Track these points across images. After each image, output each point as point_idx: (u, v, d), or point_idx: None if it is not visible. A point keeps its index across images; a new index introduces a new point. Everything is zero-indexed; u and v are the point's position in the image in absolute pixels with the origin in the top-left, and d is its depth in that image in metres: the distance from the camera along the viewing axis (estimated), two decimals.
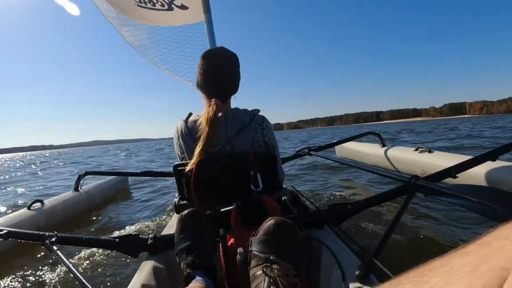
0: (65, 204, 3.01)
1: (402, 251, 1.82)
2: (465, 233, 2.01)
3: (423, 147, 3.09)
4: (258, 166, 1.22)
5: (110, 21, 3.22)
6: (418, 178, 1.39)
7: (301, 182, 4.20)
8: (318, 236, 1.19)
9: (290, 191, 1.59)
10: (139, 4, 3.24)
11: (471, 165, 1.67)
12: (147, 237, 1.29)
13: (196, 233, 1.04)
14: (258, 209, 1.13)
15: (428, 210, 2.50)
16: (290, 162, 3.69)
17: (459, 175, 1.56)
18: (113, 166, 11.32)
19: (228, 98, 1.40)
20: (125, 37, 3.30)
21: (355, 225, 2.18)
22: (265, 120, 1.36)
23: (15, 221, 2.31)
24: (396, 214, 1.22)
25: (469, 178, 2.15)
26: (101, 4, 3.16)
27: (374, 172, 2.02)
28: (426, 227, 2.15)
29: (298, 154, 3.31)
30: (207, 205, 1.23)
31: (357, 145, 4.28)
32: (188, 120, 1.36)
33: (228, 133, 1.28)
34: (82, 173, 3.42)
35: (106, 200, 3.84)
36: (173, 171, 1.31)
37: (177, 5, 3.24)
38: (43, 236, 1.35)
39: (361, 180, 4.09)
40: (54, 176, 9.08)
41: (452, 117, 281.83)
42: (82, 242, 1.43)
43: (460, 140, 9.62)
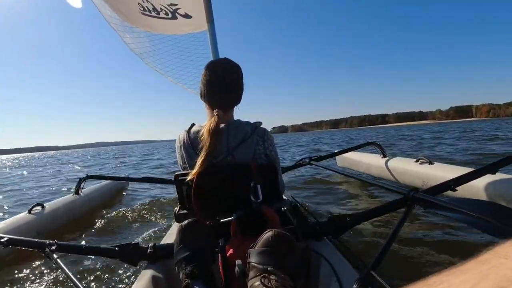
0: (66, 207, 3.01)
1: (401, 265, 1.81)
2: (465, 248, 2.00)
3: (424, 158, 3.10)
4: (259, 177, 1.23)
5: (114, 27, 3.27)
6: (417, 191, 1.39)
7: (301, 192, 4.20)
8: (316, 248, 1.19)
9: (290, 201, 1.60)
10: (144, 12, 3.29)
11: (470, 178, 1.67)
12: (147, 246, 1.30)
13: (195, 243, 1.04)
14: (258, 220, 1.13)
15: (428, 223, 2.49)
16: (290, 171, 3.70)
17: (459, 188, 1.57)
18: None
19: (230, 108, 1.42)
20: (128, 44, 3.34)
21: (354, 236, 2.18)
22: (267, 132, 1.38)
23: (15, 225, 2.32)
24: (395, 227, 1.22)
25: (469, 191, 2.15)
26: (105, 11, 3.21)
27: (374, 184, 2.03)
28: (426, 241, 2.14)
29: (298, 163, 3.32)
30: (207, 215, 1.23)
31: (358, 156, 4.29)
32: (191, 131, 1.37)
33: (230, 144, 1.29)
34: (83, 177, 3.43)
35: (106, 204, 3.85)
36: (174, 180, 1.32)
37: (181, 14, 3.29)
38: (43, 244, 1.35)
39: (362, 190, 4.09)
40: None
41: (459, 120, 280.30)
42: (82, 250, 1.44)
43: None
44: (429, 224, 2.46)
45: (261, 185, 1.22)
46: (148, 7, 3.25)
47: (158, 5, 3.23)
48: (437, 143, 11.45)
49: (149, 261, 1.27)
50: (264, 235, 0.89)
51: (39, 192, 6.27)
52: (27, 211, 2.60)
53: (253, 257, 0.86)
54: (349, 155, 4.34)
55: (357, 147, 3.97)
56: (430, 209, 1.36)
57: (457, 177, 1.60)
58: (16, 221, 2.41)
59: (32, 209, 2.62)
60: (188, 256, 1.00)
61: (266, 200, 1.23)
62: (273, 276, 0.80)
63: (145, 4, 3.23)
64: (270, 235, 0.88)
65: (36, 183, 8.37)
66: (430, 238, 2.19)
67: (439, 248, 2.02)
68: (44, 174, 11.51)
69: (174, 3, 3.23)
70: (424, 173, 2.91)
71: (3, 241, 1.41)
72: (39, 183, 8.31)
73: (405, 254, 1.94)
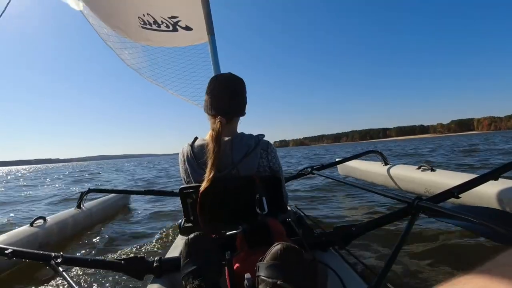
0: (68, 221, 3.00)
1: (408, 273, 1.80)
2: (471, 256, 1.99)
3: (426, 166, 3.10)
4: (263, 190, 1.23)
5: (110, 45, 3.30)
6: (421, 199, 1.40)
7: (305, 202, 4.19)
8: (323, 259, 1.19)
9: (295, 212, 1.60)
10: (144, 26, 3.33)
11: (473, 185, 1.67)
12: (153, 259, 1.29)
13: (202, 257, 1.04)
14: (264, 232, 1.14)
15: (432, 231, 2.49)
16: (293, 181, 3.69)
17: (462, 195, 1.57)
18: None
19: (233, 118, 1.42)
20: (125, 60, 3.37)
21: (359, 246, 2.17)
22: (270, 145, 1.39)
23: (17, 238, 2.31)
24: (401, 236, 1.22)
25: (472, 198, 2.15)
26: (101, 29, 3.25)
27: (377, 193, 2.02)
28: (431, 248, 2.14)
29: (301, 173, 3.31)
30: (212, 228, 1.24)
31: (359, 164, 4.29)
32: (194, 145, 1.38)
33: (234, 157, 1.30)
34: (85, 190, 3.42)
35: (109, 218, 3.83)
36: (179, 193, 1.33)
37: (181, 26, 3.33)
38: (48, 257, 1.34)
39: (365, 199, 4.08)
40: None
41: (461, 134, 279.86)
42: (87, 263, 1.43)
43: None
44: (434, 232, 2.46)
45: (266, 197, 1.22)
46: (149, 21, 3.29)
47: (159, 18, 3.28)
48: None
49: (155, 275, 1.26)
50: (272, 248, 0.89)
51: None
52: (29, 224, 2.59)
53: (262, 271, 0.86)
54: (350, 163, 4.34)
55: (359, 155, 3.97)
56: (435, 217, 1.36)
57: (460, 184, 1.60)
58: (18, 233, 2.40)
59: (34, 222, 2.61)
60: (195, 270, 1.00)
61: (271, 212, 1.23)
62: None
63: (145, 18, 3.28)
64: (279, 249, 0.88)
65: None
66: (436, 246, 2.18)
67: (445, 256, 2.01)
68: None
69: (175, 16, 3.28)
70: (426, 180, 2.91)
71: (7, 252, 1.39)
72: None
73: (411, 262, 1.92)
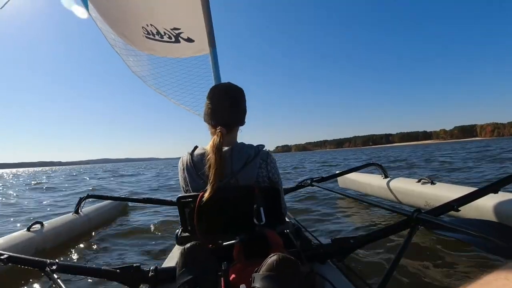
0: (65, 226, 2.99)
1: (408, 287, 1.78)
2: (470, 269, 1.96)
3: (426, 179, 3.09)
4: (262, 200, 1.23)
5: (117, 51, 3.34)
6: (420, 212, 1.39)
7: (303, 214, 4.16)
8: (321, 271, 1.18)
9: (293, 223, 1.59)
10: (148, 36, 3.37)
11: (473, 198, 1.67)
12: (148, 269, 1.28)
13: (198, 267, 1.03)
14: (261, 243, 1.13)
15: (431, 243, 2.46)
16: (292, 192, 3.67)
17: (462, 208, 1.56)
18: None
19: (234, 126, 1.42)
20: (130, 67, 3.41)
21: (358, 259, 2.15)
22: (269, 155, 1.38)
23: (14, 243, 2.30)
24: (400, 248, 1.21)
25: (472, 211, 2.14)
26: (109, 35, 3.30)
27: (377, 205, 2.02)
28: (430, 261, 2.11)
29: (300, 185, 3.30)
30: (210, 238, 1.23)
31: (359, 176, 4.28)
32: (194, 153, 1.38)
33: (233, 167, 1.30)
34: (83, 196, 3.41)
35: (106, 224, 3.81)
36: (177, 203, 1.32)
37: (183, 38, 3.37)
38: (44, 263, 1.33)
39: (364, 211, 4.05)
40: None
41: (464, 140, 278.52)
42: (83, 271, 1.41)
43: None
44: (433, 244, 2.43)
45: (264, 208, 1.22)
46: (152, 31, 3.33)
47: (162, 29, 3.32)
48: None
49: (151, 285, 1.25)
50: (268, 259, 0.89)
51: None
52: (26, 228, 2.58)
53: (258, 282, 0.85)
54: (350, 176, 4.33)
55: (359, 168, 3.96)
56: (434, 230, 1.35)
57: (460, 197, 1.60)
58: (14, 238, 2.39)
59: (31, 226, 2.60)
60: (190, 280, 0.99)
61: (269, 223, 1.22)
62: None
63: (149, 28, 3.32)
64: (275, 260, 0.87)
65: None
66: (435, 259, 2.16)
67: (444, 269, 1.99)
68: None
69: (177, 28, 3.32)
70: (426, 193, 2.90)
71: (3, 258, 1.38)
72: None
73: (410, 275, 1.90)
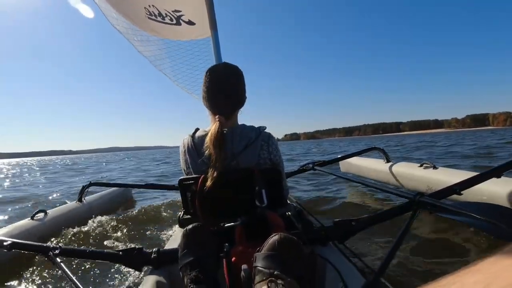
0: (69, 214, 3.01)
1: (408, 269, 1.79)
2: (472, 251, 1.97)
3: (428, 163, 3.08)
4: (263, 182, 1.22)
5: (120, 30, 3.29)
6: (423, 195, 1.39)
7: (304, 196, 4.18)
8: (322, 253, 1.18)
9: (295, 206, 1.59)
10: (150, 17, 3.32)
11: (475, 182, 1.66)
12: (151, 250, 1.29)
13: (200, 248, 1.04)
14: (262, 225, 1.13)
15: (433, 227, 2.47)
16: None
17: (464, 192, 1.56)
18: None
19: (233, 112, 1.41)
20: (136, 47, 3.38)
21: (359, 241, 2.16)
22: (271, 137, 1.37)
23: (18, 231, 2.32)
24: (401, 231, 1.21)
25: (474, 195, 2.14)
26: (110, 13, 3.24)
27: (379, 189, 2.01)
28: (432, 244, 2.12)
29: (302, 169, 3.30)
30: (211, 220, 1.23)
31: (361, 161, 4.27)
32: (195, 136, 1.37)
33: (234, 149, 1.29)
34: (86, 184, 3.43)
35: (110, 211, 3.84)
36: (179, 185, 1.32)
37: (184, 20, 3.32)
38: (47, 248, 1.35)
39: (366, 195, 4.07)
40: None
41: (476, 129, 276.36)
42: (85, 254, 1.43)
43: None
44: (435, 228, 2.44)
45: (265, 190, 1.21)
46: (154, 12, 3.28)
47: (163, 11, 3.26)
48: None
49: (153, 266, 1.26)
50: (270, 239, 0.89)
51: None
52: (30, 217, 2.60)
53: (259, 261, 0.85)
54: (352, 160, 4.32)
55: (361, 152, 3.95)
56: (436, 213, 1.35)
57: (462, 181, 1.59)
58: (18, 226, 2.42)
59: (35, 215, 2.62)
60: (192, 261, 1.00)
61: (271, 205, 1.23)
62: (280, 280, 0.79)
63: (151, 9, 3.26)
64: (276, 239, 0.87)
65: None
66: (437, 242, 2.17)
67: (446, 251, 2.00)
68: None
69: (178, 10, 3.26)
70: (428, 177, 2.90)
71: (6, 244, 1.40)
72: None
73: (412, 257, 1.91)
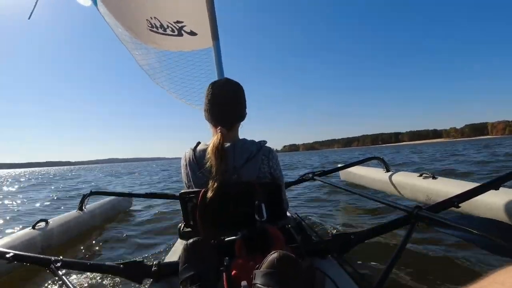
0: (70, 224, 3.02)
1: (405, 283, 1.80)
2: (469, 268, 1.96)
3: (427, 173, 3.09)
4: (263, 196, 1.24)
5: (124, 44, 3.35)
6: (421, 209, 1.40)
7: (304, 208, 4.18)
8: (321, 266, 1.20)
9: (294, 218, 1.60)
10: (151, 29, 3.37)
11: (473, 194, 1.67)
12: (151, 263, 1.30)
13: (200, 262, 1.05)
14: (262, 239, 1.14)
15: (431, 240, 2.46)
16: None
17: (462, 205, 1.57)
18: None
19: (233, 125, 1.43)
20: (137, 60, 3.42)
21: (358, 254, 2.15)
22: (272, 151, 1.39)
23: (20, 241, 2.33)
24: (400, 245, 1.23)
25: (472, 208, 2.14)
26: (117, 29, 3.30)
27: (378, 201, 2.02)
28: (430, 258, 2.11)
29: (302, 179, 3.31)
30: (212, 233, 1.24)
31: (361, 170, 4.28)
32: (196, 149, 1.39)
33: (235, 163, 1.31)
34: (87, 193, 3.44)
35: (110, 221, 3.85)
36: (180, 198, 1.33)
37: (186, 31, 3.36)
38: (48, 260, 1.36)
39: (365, 205, 4.06)
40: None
41: (475, 138, 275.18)
42: (86, 267, 1.44)
43: None
44: (433, 241, 2.43)
45: (265, 203, 1.23)
46: (156, 24, 3.33)
47: (165, 22, 3.31)
48: None
49: (154, 279, 1.27)
50: (269, 257, 0.90)
51: None
52: (31, 226, 2.61)
53: (259, 279, 0.87)
54: (352, 169, 4.33)
55: (361, 162, 3.96)
56: (434, 227, 1.36)
57: (460, 193, 1.60)
58: (20, 236, 2.42)
59: (36, 224, 2.63)
60: (193, 275, 1.01)
61: (271, 218, 1.24)
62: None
63: (152, 21, 3.31)
64: (275, 257, 0.89)
65: None
66: (434, 256, 2.15)
67: (445, 267, 1.99)
68: None
69: (180, 21, 3.31)
70: (427, 188, 2.91)
71: (8, 256, 1.41)
72: None
73: (409, 271, 1.91)
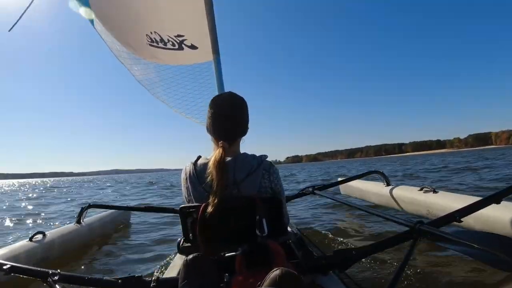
0: (67, 237, 2.98)
1: None
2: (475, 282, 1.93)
3: (428, 187, 3.08)
4: (264, 211, 1.23)
5: (121, 61, 3.38)
6: (422, 223, 1.39)
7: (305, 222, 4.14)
8: (323, 283, 1.18)
9: (295, 233, 1.59)
10: (151, 44, 3.41)
11: (475, 208, 1.66)
12: (150, 279, 1.28)
13: (200, 278, 1.04)
14: (263, 255, 1.13)
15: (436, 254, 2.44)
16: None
17: (464, 219, 1.56)
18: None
19: (235, 140, 1.43)
20: (135, 76, 3.45)
21: (359, 269, 2.13)
22: (272, 166, 1.39)
23: (16, 253, 2.30)
24: (402, 261, 1.21)
25: (474, 222, 2.13)
26: (115, 46, 3.34)
27: (379, 215, 2.01)
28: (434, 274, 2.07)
29: (302, 193, 3.30)
30: (212, 248, 1.23)
31: (361, 184, 4.26)
32: (197, 163, 1.38)
33: (236, 177, 1.30)
34: (85, 206, 3.41)
35: (108, 234, 3.80)
36: (179, 213, 1.32)
37: (187, 45, 3.40)
38: (46, 273, 1.34)
39: (366, 220, 4.02)
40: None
41: (478, 148, 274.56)
42: (84, 281, 1.41)
43: None
44: (436, 255, 2.41)
45: (266, 218, 1.22)
46: (156, 39, 3.37)
47: (165, 36, 3.35)
48: None
49: None
50: (271, 274, 0.89)
51: None
52: (28, 238, 2.58)
53: None
54: (353, 183, 4.31)
55: (361, 176, 3.95)
56: (437, 242, 1.35)
57: (462, 208, 1.60)
58: (17, 248, 2.39)
59: (33, 236, 2.60)
60: None
61: (271, 233, 1.23)
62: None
63: (152, 35, 3.36)
64: (277, 274, 0.87)
65: None
66: (438, 271, 2.12)
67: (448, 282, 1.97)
68: None
69: (181, 35, 3.35)
70: (428, 202, 2.89)
71: (5, 268, 1.39)
72: None
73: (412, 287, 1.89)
